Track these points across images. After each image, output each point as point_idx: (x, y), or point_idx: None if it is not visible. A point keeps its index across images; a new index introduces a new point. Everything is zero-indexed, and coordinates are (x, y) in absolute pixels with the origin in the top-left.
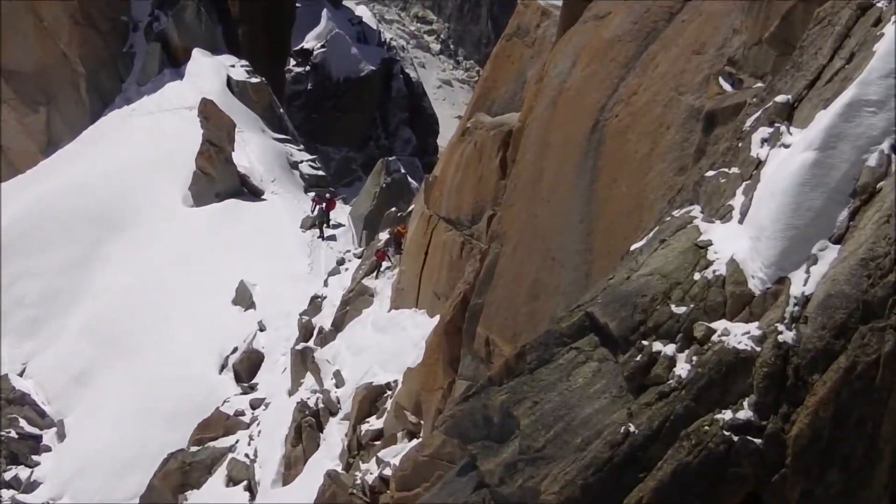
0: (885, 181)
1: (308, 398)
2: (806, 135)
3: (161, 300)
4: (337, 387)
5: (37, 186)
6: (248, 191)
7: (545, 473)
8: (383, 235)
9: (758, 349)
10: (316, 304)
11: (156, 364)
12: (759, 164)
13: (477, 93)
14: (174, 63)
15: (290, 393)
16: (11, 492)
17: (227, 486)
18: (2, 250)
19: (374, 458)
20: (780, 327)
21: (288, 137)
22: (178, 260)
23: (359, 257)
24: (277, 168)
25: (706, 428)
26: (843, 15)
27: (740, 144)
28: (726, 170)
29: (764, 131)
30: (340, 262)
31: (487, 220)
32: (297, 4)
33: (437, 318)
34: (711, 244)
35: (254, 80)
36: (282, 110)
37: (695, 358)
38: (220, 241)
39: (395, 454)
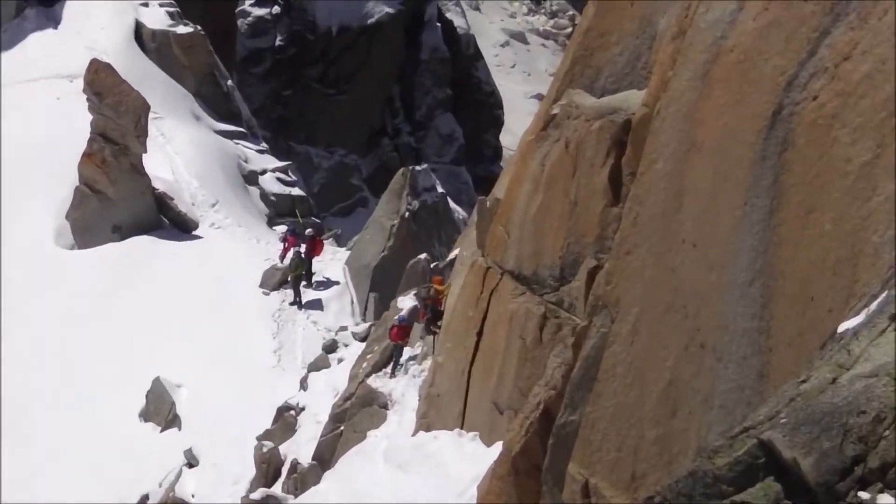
0: None
1: None
2: None
3: (17, 410)
4: None
5: None
6: (170, 222)
7: None
8: (405, 301)
9: None
10: (287, 420)
11: None
12: None
13: (571, 54)
14: None
15: None
16: None
17: None
18: None
19: None
20: None
21: (242, 129)
22: (47, 341)
23: (362, 339)
24: (222, 183)
25: None
26: None
27: None
28: None
29: None
30: (330, 347)
31: (588, 277)
32: None
33: (499, 446)
34: None
35: (182, 28)
36: (231, 83)
37: None
38: (121, 310)
39: None
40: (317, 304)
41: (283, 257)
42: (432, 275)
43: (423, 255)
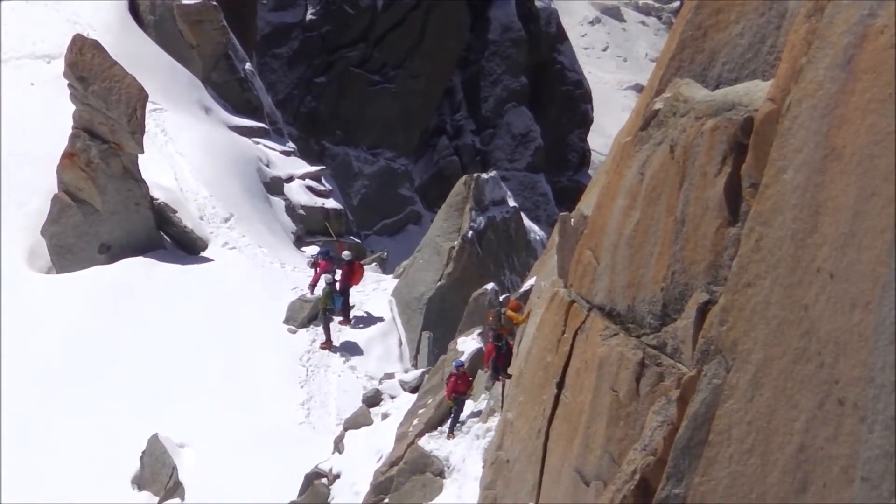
0: None
1: None
2: None
3: None
4: None
5: None
6: (172, 240)
7: None
8: (467, 343)
9: None
10: (317, 489)
11: None
12: None
13: (678, 35)
14: None
15: None
16: None
17: None
18: None
19: None
20: None
21: (263, 125)
22: (18, 388)
23: (413, 390)
24: (238, 192)
25: None
26: None
27: None
28: None
29: None
30: (372, 399)
31: (698, 314)
32: None
33: None
34: None
35: None
36: (249, 66)
37: None
38: (110, 350)
39: None
40: (355, 346)
41: (313, 286)
42: (500, 311)
43: (489, 286)
